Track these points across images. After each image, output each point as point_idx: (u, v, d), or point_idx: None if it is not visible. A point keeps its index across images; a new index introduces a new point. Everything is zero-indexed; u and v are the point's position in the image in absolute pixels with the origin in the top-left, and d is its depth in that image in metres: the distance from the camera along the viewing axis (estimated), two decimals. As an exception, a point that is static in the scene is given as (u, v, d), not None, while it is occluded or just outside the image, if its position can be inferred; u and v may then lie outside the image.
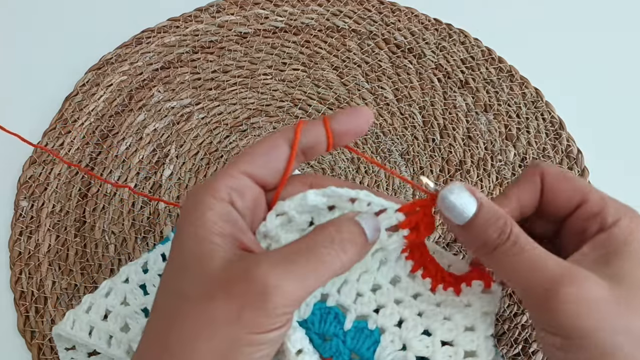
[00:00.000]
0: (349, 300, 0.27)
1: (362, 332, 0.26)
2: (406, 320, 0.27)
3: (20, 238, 0.46)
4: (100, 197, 0.48)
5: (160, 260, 0.36)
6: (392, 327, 0.27)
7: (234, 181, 0.25)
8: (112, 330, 0.33)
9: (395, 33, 0.57)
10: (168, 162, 0.50)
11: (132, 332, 0.34)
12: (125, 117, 0.52)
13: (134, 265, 0.35)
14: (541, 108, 0.53)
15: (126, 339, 0.33)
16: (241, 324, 0.22)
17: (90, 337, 0.33)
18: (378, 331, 0.27)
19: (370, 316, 0.27)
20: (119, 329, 0.34)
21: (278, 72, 0.55)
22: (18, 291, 0.44)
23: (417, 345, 0.26)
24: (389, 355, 0.26)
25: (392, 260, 0.28)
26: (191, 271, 0.23)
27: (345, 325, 0.26)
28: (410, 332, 0.26)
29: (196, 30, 0.57)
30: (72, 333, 0.33)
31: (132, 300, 0.34)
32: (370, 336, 0.26)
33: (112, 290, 0.35)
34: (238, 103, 0.53)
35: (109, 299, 0.34)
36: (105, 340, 0.33)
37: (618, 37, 0.58)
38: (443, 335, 0.27)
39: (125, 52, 0.56)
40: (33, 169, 0.49)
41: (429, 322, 0.27)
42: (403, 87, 0.54)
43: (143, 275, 0.35)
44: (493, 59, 0.56)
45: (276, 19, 0.58)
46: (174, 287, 0.24)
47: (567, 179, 0.27)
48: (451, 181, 0.48)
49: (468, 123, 0.52)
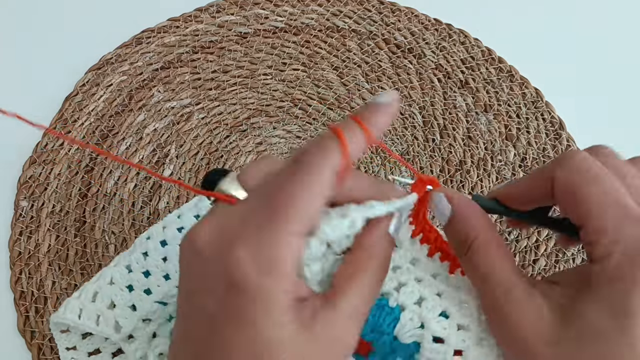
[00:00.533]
0: None
1: (383, 310, 0.27)
2: (426, 299, 0.27)
3: (20, 238, 0.46)
4: (100, 197, 0.48)
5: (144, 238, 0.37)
6: (412, 305, 0.27)
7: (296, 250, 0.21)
8: (99, 309, 0.34)
9: (395, 33, 0.57)
10: (168, 162, 0.50)
11: (117, 308, 0.34)
12: (125, 117, 0.52)
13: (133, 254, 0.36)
14: (541, 108, 0.53)
15: (112, 315, 0.34)
16: None
17: (80, 320, 0.34)
18: (399, 309, 0.27)
19: (391, 294, 0.28)
20: (105, 307, 0.34)
21: (278, 72, 0.55)
22: (18, 291, 0.44)
23: (434, 326, 0.27)
24: (408, 331, 0.27)
25: (407, 244, 0.29)
26: (283, 355, 0.21)
27: None
28: (430, 312, 0.27)
29: (196, 30, 0.57)
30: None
31: (117, 280, 0.35)
32: (391, 313, 0.27)
33: (101, 277, 0.35)
34: (238, 103, 0.53)
35: (113, 287, 0.35)
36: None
37: (618, 37, 0.58)
38: (460, 320, 0.27)
39: (125, 52, 0.56)
40: (33, 169, 0.49)
41: (447, 303, 0.27)
42: (403, 87, 0.54)
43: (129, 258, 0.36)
44: (493, 59, 0.56)
45: (276, 19, 0.58)
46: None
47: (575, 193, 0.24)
48: (451, 181, 0.49)
49: (468, 123, 0.52)
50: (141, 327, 0.35)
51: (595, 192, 0.23)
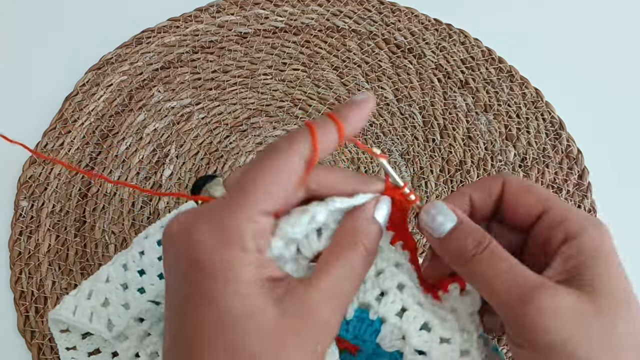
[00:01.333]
0: None
1: (363, 322, 0.27)
2: (407, 309, 0.27)
3: (20, 238, 0.46)
4: (100, 197, 0.48)
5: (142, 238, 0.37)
6: (392, 317, 0.27)
7: (258, 226, 0.22)
8: (93, 307, 0.34)
9: (396, 33, 0.57)
10: (168, 162, 0.50)
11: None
12: (125, 117, 0.52)
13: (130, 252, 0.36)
14: (541, 108, 0.53)
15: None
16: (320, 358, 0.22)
17: (91, 323, 0.34)
18: (379, 321, 0.27)
19: (371, 305, 0.27)
20: (99, 305, 0.34)
21: (278, 72, 0.55)
22: (18, 291, 0.44)
23: (415, 340, 0.26)
24: (389, 342, 0.27)
25: (386, 249, 0.28)
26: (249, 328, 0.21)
27: (348, 314, 0.27)
28: (411, 325, 0.27)
29: (196, 30, 0.57)
30: (73, 319, 0.34)
31: (113, 278, 0.35)
32: (371, 325, 0.27)
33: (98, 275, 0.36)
34: (238, 103, 0.53)
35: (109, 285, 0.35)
36: (105, 325, 0.34)
37: (618, 38, 0.58)
38: (442, 332, 0.27)
39: (125, 52, 0.56)
40: (33, 169, 0.49)
41: (429, 315, 0.27)
42: (403, 87, 0.54)
43: (140, 260, 0.36)
44: (493, 59, 0.56)
45: (276, 19, 0.58)
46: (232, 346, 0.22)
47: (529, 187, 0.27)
48: (451, 181, 0.49)
49: (468, 123, 0.52)
50: (134, 326, 0.35)
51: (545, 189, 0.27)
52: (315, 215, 0.24)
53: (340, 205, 0.25)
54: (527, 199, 0.27)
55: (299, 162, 0.23)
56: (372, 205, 0.25)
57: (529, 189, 0.27)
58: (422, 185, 0.49)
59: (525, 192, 0.27)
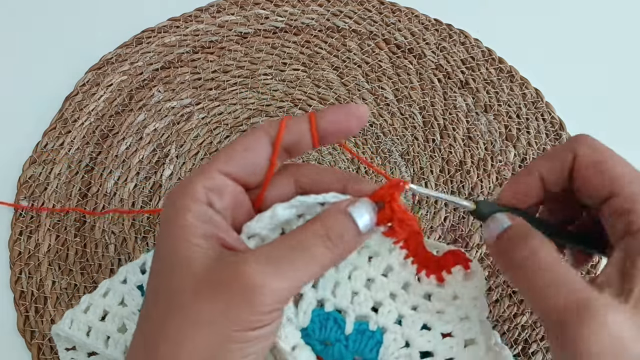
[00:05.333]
0: (345, 301, 0.27)
1: (364, 334, 0.27)
2: (405, 317, 0.27)
3: (20, 238, 0.46)
4: (100, 197, 0.48)
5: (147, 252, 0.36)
6: (392, 325, 0.27)
7: (211, 182, 0.24)
8: (109, 331, 0.33)
9: (396, 33, 0.57)
10: (168, 162, 0.50)
11: (129, 332, 0.34)
12: (126, 117, 0.52)
13: (132, 266, 0.35)
14: (541, 109, 0.53)
15: (123, 339, 0.33)
16: (228, 322, 0.22)
17: (88, 337, 0.33)
18: (380, 332, 0.27)
19: (370, 317, 0.27)
20: (116, 329, 0.34)
21: (278, 72, 0.55)
22: (18, 291, 0.44)
23: (419, 340, 0.26)
24: (393, 354, 0.26)
25: (385, 252, 0.28)
26: (175, 274, 0.23)
27: (346, 329, 0.27)
28: (412, 328, 0.27)
29: (196, 30, 0.57)
30: (70, 333, 0.33)
31: (129, 301, 0.34)
32: (372, 337, 0.27)
33: (110, 291, 0.35)
34: (238, 103, 0.53)
35: (107, 299, 0.34)
36: (103, 341, 0.33)
37: (618, 38, 0.58)
38: (442, 328, 0.27)
39: (125, 52, 0.56)
40: (33, 168, 0.49)
41: (425, 316, 0.27)
42: (403, 87, 0.54)
43: (141, 276, 0.35)
44: (493, 59, 0.56)
45: (276, 19, 0.58)
46: (159, 289, 0.24)
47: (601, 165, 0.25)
48: (451, 182, 0.49)
49: (468, 123, 0.52)
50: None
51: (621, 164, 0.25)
52: (276, 211, 0.25)
53: (303, 203, 0.25)
54: (596, 179, 0.25)
55: (264, 136, 0.25)
56: (346, 203, 0.25)
57: (600, 167, 0.25)
58: (422, 186, 0.49)
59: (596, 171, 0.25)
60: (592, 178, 0.25)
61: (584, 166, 0.26)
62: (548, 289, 0.23)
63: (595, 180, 0.25)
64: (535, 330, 0.43)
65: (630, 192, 0.24)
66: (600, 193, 0.25)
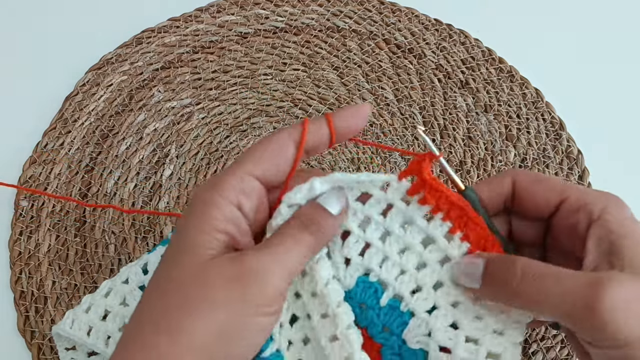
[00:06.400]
0: (391, 276, 0.28)
1: (394, 312, 0.28)
2: (439, 308, 0.28)
3: (20, 238, 0.46)
4: (101, 197, 0.48)
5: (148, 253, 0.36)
6: (422, 313, 0.28)
7: (243, 184, 0.26)
8: (110, 330, 0.33)
9: (396, 33, 0.57)
10: (168, 162, 0.50)
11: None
12: (126, 117, 0.52)
13: (134, 267, 0.35)
14: (541, 108, 0.53)
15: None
16: (247, 302, 0.24)
17: (89, 337, 0.33)
18: (409, 314, 0.28)
19: (404, 298, 0.28)
20: (117, 329, 0.34)
21: (278, 72, 0.55)
22: (18, 291, 0.44)
23: (441, 335, 0.27)
24: (415, 337, 0.27)
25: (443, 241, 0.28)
26: (190, 257, 0.25)
27: (382, 300, 0.28)
28: (439, 322, 0.27)
29: (196, 30, 0.57)
30: (71, 332, 0.33)
31: (131, 301, 0.34)
32: (401, 316, 0.28)
33: (111, 291, 0.35)
34: (238, 103, 0.53)
35: (109, 299, 0.34)
36: (103, 340, 0.33)
37: (618, 38, 0.58)
38: (470, 332, 0.27)
39: (125, 52, 0.56)
40: (33, 169, 0.49)
41: (460, 315, 0.27)
42: (403, 87, 0.54)
43: (143, 277, 0.35)
44: (493, 59, 0.56)
45: (276, 19, 0.58)
46: (171, 271, 0.25)
47: (540, 180, 0.28)
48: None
49: (468, 123, 0.52)
50: None
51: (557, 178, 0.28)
52: (314, 184, 0.27)
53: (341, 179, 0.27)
54: (540, 189, 0.28)
55: (288, 139, 0.27)
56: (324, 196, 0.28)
57: (539, 181, 0.28)
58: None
59: (537, 184, 0.28)
60: (538, 192, 0.28)
61: (529, 184, 0.28)
62: (559, 286, 0.24)
63: (540, 191, 0.28)
64: (535, 330, 0.43)
65: (578, 192, 0.27)
66: (549, 201, 0.27)
